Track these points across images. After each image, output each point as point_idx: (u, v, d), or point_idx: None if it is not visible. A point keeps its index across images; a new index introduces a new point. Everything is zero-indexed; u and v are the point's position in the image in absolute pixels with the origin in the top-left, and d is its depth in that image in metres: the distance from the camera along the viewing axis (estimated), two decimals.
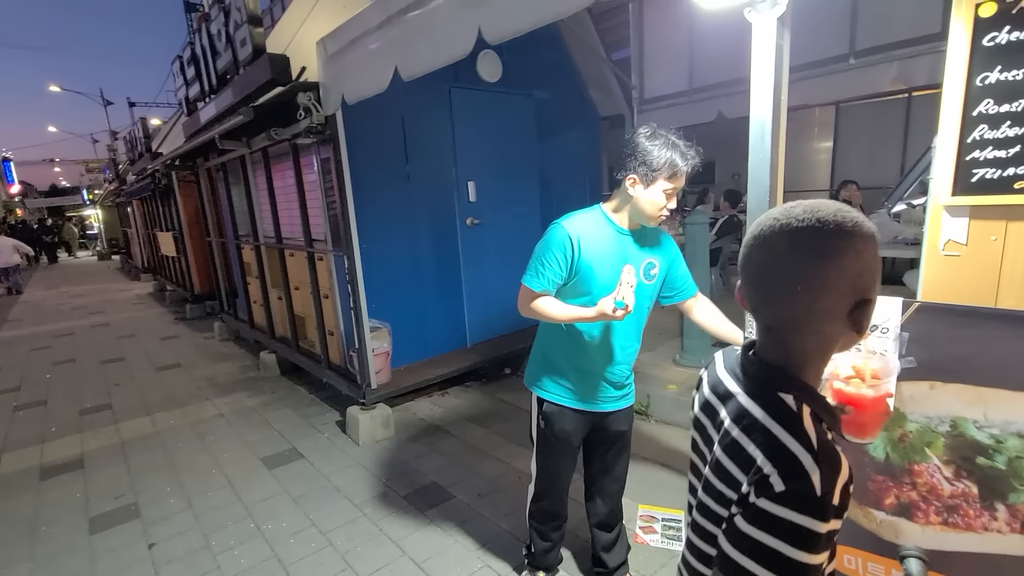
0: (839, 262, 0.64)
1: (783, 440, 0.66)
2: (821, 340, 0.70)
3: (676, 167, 1.43)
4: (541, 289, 1.55)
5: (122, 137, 12.53)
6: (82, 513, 2.78)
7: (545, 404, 1.72)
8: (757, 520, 0.63)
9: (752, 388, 0.74)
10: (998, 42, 1.07)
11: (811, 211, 0.66)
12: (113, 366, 5.50)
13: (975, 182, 1.12)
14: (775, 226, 0.67)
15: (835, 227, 0.64)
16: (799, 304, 0.67)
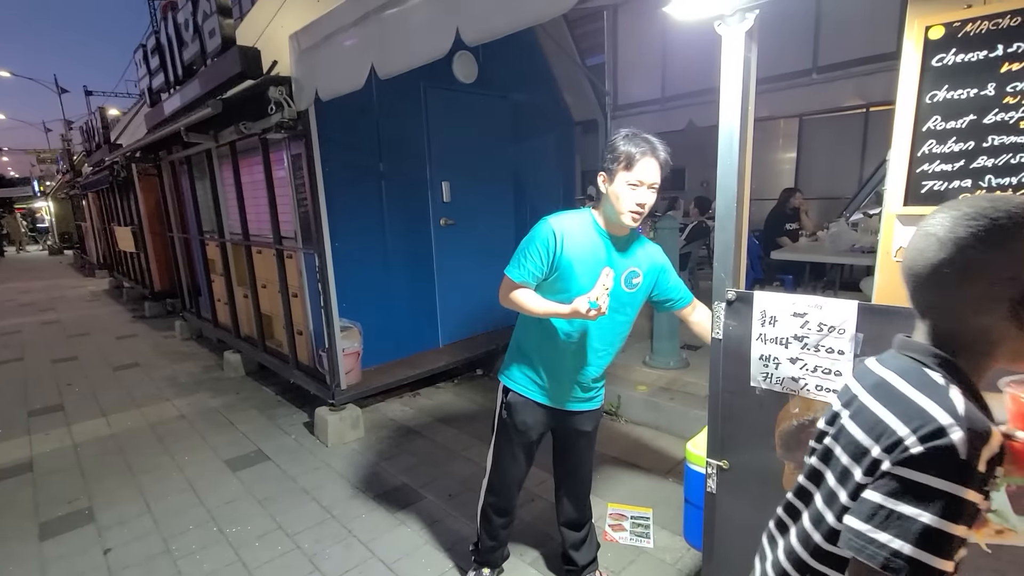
0: (994, 250, 0.62)
1: (921, 403, 0.62)
2: (975, 333, 0.66)
3: (631, 156, 1.47)
4: (521, 280, 1.58)
5: (78, 127, 11.96)
6: (31, 518, 2.64)
7: (510, 393, 1.74)
8: (892, 489, 0.59)
9: (898, 366, 0.71)
10: (945, 63, 1.15)
11: (984, 203, 0.65)
12: (65, 365, 5.24)
13: (924, 193, 1.19)
14: (942, 215, 0.68)
15: (1001, 217, 0.63)
16: (945, 289, 0.66)
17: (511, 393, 1.74)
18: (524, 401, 1.73)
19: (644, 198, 1.49)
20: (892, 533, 0.59)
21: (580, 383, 1.72)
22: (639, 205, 1.49)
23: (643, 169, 1.47)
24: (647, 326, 4.27)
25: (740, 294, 1.36)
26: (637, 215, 1.50)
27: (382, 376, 3.75)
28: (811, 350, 1.24)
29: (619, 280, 1.59)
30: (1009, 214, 0.63)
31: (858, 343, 1.17)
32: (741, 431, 1.42)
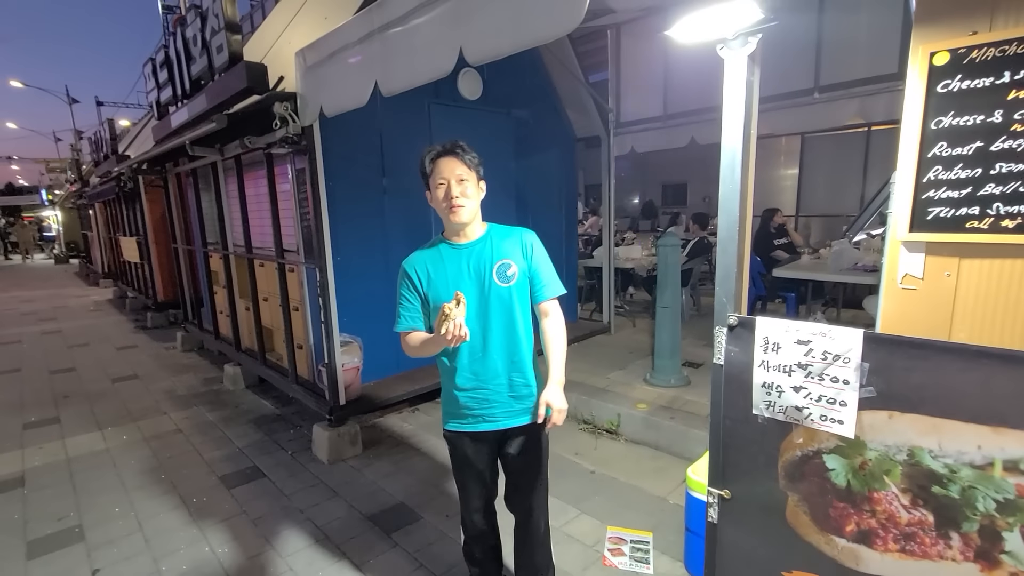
0: None
1: None
2: None
3: (424, 163, 1.59)
4: (406, 328, 1.62)
5: (87, 137, 12.10)
6: (19, 536, 2.60)
7: (446, 432, 1.73)
8: None
9: None
10: (951, 89, 1.13)
11: None
12: (63, 377, 5.22)
13: (930, 220, 1.17)
14: None
15: None
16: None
17: (446, 432, 1.73)
18: (456, 435, 1.70)
19: (455, 190, 1.54)
20: None
21: (505, 393, 1.64)
22: (451, 198, 1.54)
23: (440, 167, 1.56)
24: (648, 343, 4.24)
25: (742, 319, 1.34)
26: (456, 207, 1.55)
27: (382, 391, 3.72)
28: (815, 379, 1.21)
29: (492, 276, 1.59)
30: None
31: (864, 373, 1.14)
32: (743, 460, 1.39)
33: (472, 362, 1.63)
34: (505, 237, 1.65)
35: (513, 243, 1.65)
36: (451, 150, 1.57)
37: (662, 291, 3.82)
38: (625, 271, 6.34)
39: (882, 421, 1.15)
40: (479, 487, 1.76)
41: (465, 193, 1.56)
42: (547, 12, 1.54)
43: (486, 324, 1.61)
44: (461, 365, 1.64)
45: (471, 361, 1.63)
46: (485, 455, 1.72)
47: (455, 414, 1.70)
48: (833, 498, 1.24)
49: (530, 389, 1.67)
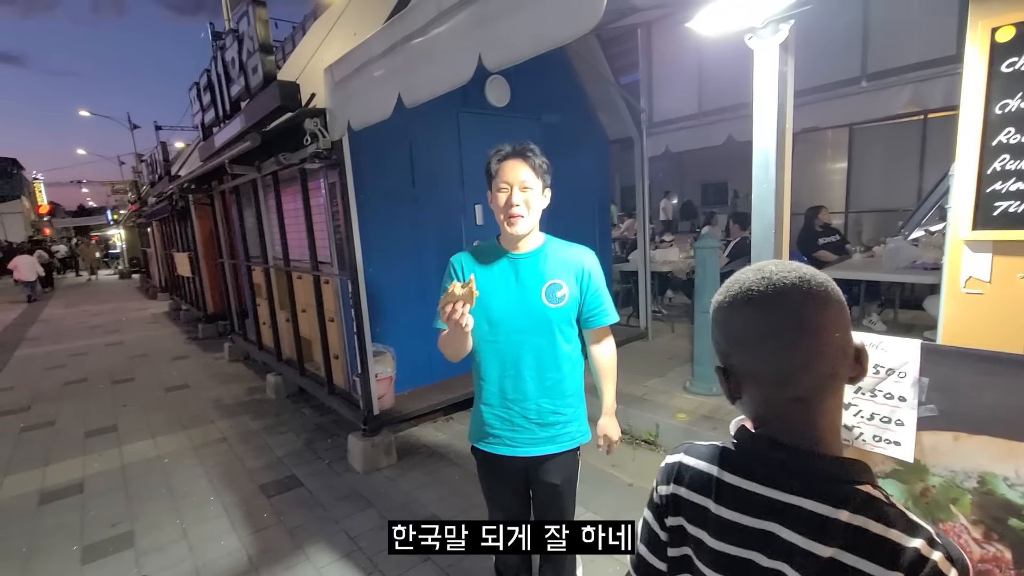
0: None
1: (906, 544, 0.54)
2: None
3: (490, 164, 1.49)
4: (442, 327, 1.45)
5: (145, 160, 12.92)
6: (76, 541, 2.73)
7: (475, 451, 1.66)
8: None
9: (812, 487, 0.60)
10: (1018, 68, 1.01)
11: (801, 269, 0.63)
12: (123, 386, 5.53)
13: (997, 216, 1.04)
14: (787, 283, 0.61)
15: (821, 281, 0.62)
16: (834, 355, 0.61)
17: (475, 450, 1.65)
18: (484, 455, 1.62)
19: (515, 199, 1.43)
20: None
21: (532, 419, 1.53)
22: (510, 207, 1.43)
23: (504, 171, 1.45)
24: (687, 349, 4.08)
25: None
26: (514, 217, 1.44)
27: (415, 401, 3.73)
28: (866, 395, 1.10)
29: (539, 292, 1.49)
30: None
31: (923, 389, 1.02)
32: None
33: (502, 379, 1.54)
34: (562, 254, 1.54)
35: (569, 263, 1.53)
36: (520, 152, 1.46)
37: (701, 295, 3.67)
38: (663, 274, 6.16)
39: (946, 444, 1.02)
40: (502, 510, 1.69)
41: (527, 202, 1.45)
42: (564, 14, 1.49)
43: (522, 343, 1.50)
44: (489, 380, 1.56)
45: (500, 378, 1.54)
46: (508, 482, 1.63)
47: (479, 432, 1.63)
48: None
49: (560, 417, 1.55)
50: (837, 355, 0.61)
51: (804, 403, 0.62)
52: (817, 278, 0.62)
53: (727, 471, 0.68)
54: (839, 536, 0.57)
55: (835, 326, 0.61)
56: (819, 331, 0.60)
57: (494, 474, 1.63)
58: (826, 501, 0.59)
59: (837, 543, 0.57)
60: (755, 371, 0.63)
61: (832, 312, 0.61)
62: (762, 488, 0.64)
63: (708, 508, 0.68)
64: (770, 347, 0.61)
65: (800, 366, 0.60)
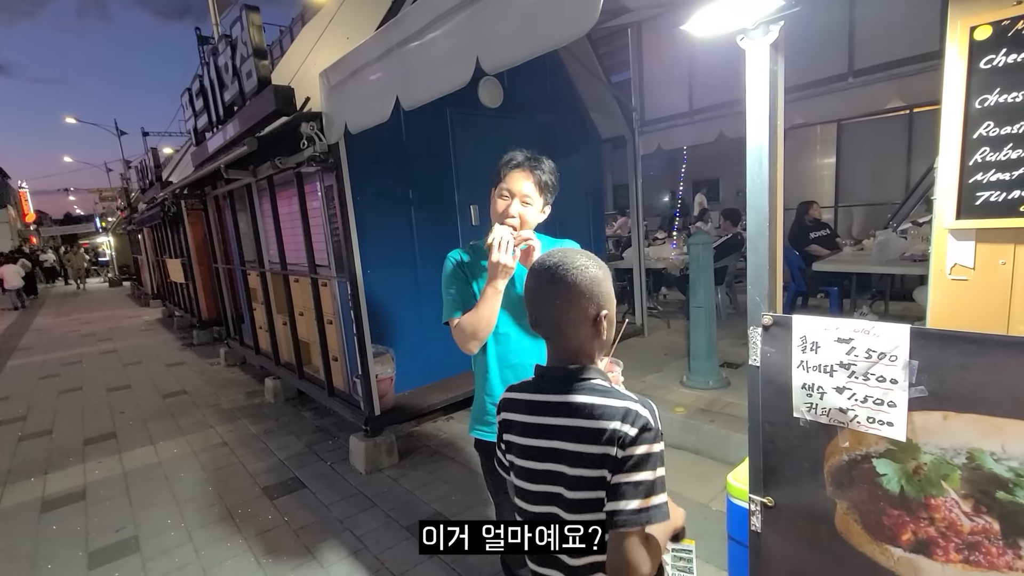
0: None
1: (615, 404, 0.92)
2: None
3: (501, 168, 1.52)
4: (454, 316, 1.52)
5: (134, 166, 12.83)
6: (82, 547, 2.74)
7: (478, 443, 1.70)
8: (635, 466, 0.87)
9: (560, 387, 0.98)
10: (995, 64, 1.06)
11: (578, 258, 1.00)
12: (119, 394, 5.50)
13: (979, 205, 1.09)
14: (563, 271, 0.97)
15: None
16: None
17: (479, 442, 1.70)
18: (485, 444, 1.67)
19: (513, 210, 1.48)
20: (642, 495, 0.88)
21: None
22: (507, 216, 1.47)
23: (511, 179, 1.49)
24: (683, 344, 4.14)
25: (777, 318, 1.28)
26: (504, 223, 1.48)
27: (416, 401, 3.76)
28: (859, 379, 1.15)
29: None
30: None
31: (912, 371, 1.07)
32: (786, 466, 1.32)
33: (503, 371, 1.62)
34: (554, 246, 1.63)
35: None
36: (530, 165, 1.51)
37: (695, 291, 3.72)
38: (657, 271, 6.22)
39: (936, 422, 1.07)
40: (507, 497, 1.74)
41: (523, 216, 1.50)
42: (560, 16, 1.53)
43: (521, 336, 1.59)
44: (492, 372, 1.63)
45: (502, 370, 1.62)
46: None
47: (483, 421, 1.68)
48: (886, 505, 1.16)
49: None
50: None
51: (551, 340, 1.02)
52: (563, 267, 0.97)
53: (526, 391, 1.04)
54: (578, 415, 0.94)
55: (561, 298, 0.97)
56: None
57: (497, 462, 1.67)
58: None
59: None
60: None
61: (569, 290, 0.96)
62: (543, 396, 1.00)
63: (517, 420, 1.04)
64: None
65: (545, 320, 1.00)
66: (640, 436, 0.88)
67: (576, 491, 0.93)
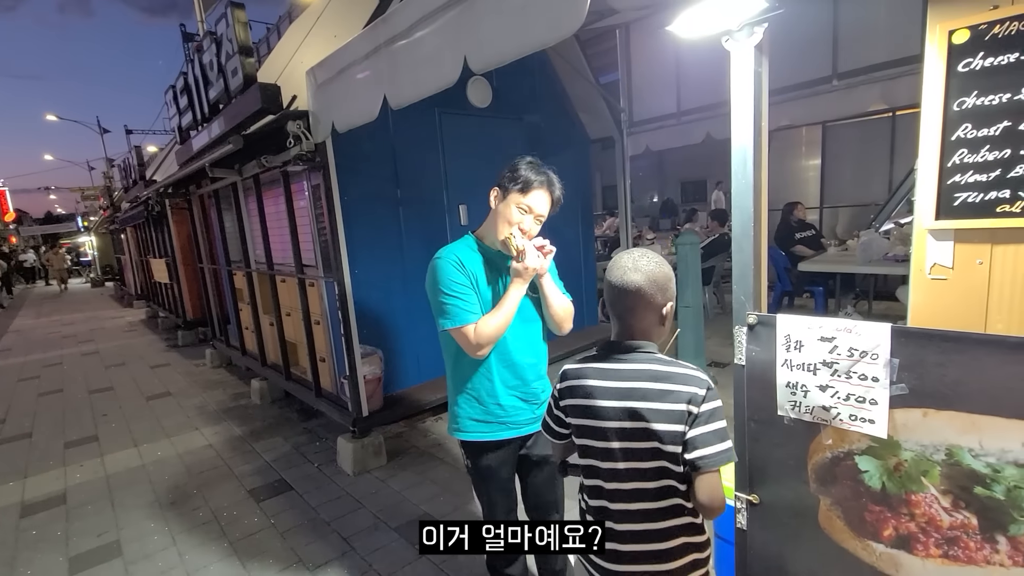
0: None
1: (686, 372, 1.11)
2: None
3: (529, 182, 1.52)
4: (469, 321, 1.51)
5: (117, 165, 12.61)
6: (62, 552, 2.68)
7: (465, 444, 1.70)
8: (710, 418, 1.06)
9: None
10: (973, 68, 1.08)
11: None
12: (101, 396, 5.40)
13: (958, 206, 1.11)
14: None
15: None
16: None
17: (466, 443, 1.70)
18: (479, 445, 1.67)
19: (528, 225, 1.53)
20: (720, 439, 1.06)
21: (524, 399, 1.67)
22: (522, 232, 1.52)
23: (536, 198, 1.53)
24: (672, 344, 4.16)
25: (762, 318, 1.29)
26: (516, 237, 1.52)
27: (405, 401, 3.74)
28: (842, 377, 1.16)
29: (527, 290, 1.60)
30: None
31: (893, 369, 1.09)
32: (771, 463, 1.34)
33: (500, 368, 1.64)
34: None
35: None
36: (554, 190, 1.57)
37: (683, 290, 3.75)
38: None
39: (916, 420, 1.09)
40: (503, 496, 1.75)
41: (531, 233, 1.56)
42: (548, 16, 1.53)
43: (516, 331, 1.62)
44: (489, 369, 1.63)
45: (500, 367, 1.63)
46: (509, 464, 1.72)
47: (478, 422, 1.66)
48: (868, 501, 1.18)
49: (547, 394, 1.71)
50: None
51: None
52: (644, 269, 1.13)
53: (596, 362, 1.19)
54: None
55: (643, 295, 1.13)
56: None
57: (495, 459, 1.68)
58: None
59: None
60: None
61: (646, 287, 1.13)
62: (617, 364, 1.15)
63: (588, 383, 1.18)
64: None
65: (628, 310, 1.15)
66: (708, 394, 1.06)
67: (666, 444, 1.08)
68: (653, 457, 1.10)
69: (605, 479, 1.16)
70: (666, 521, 1.13)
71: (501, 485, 1.73)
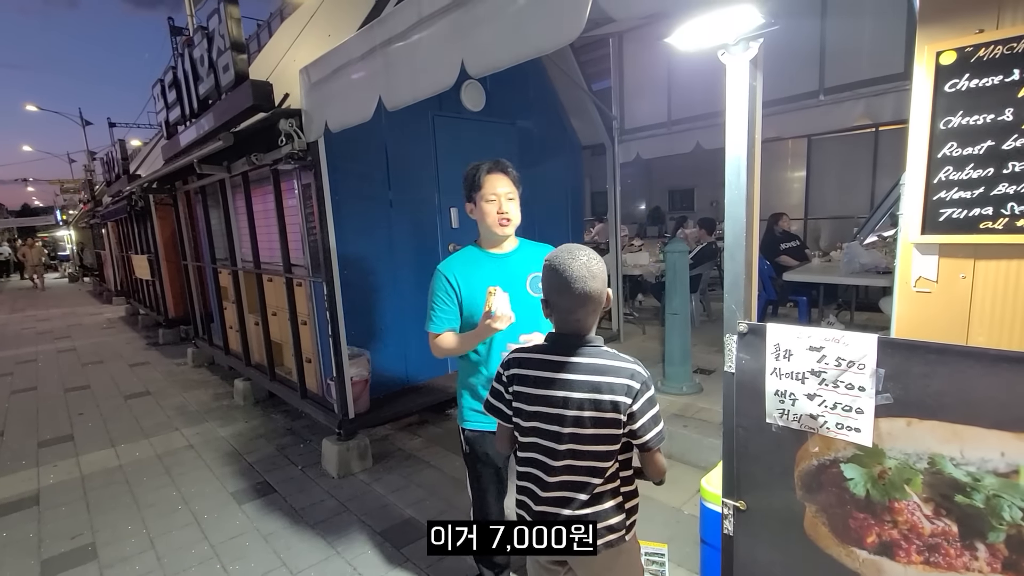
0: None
1: (625, 366, 1.20)
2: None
3: (478, 177, 1.68)
4: (440, 330, 1.71)
5: (100, 158, 12.34)
6: (34, 555, 2.61)
7: (466, 432, 1.81)
8: (648, 405, 1.20)
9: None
10: (959, 88, 1.11)
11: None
12: (77, 394, 5.27)
13: (942, 221, 1.15)
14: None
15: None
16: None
17: (467, 431, 1.81)
18: (479, 434, 1.77)
19: (505, 207, 1.68)
20: (657, 424, 1.22)
21: None
22: (502, 214, 1.67)
23: (491, 184, 1.67)
24: (658, 350, 4.20)
25: (752, 326, 1.31)
26: (505, 221, 1.68)
27: (391, 404, 3.71)
28: (829, 386, 1.19)
29: (526, 287, 1.72)
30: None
31: (879, 379, 1.11)
32: (758, 470, 1.35)
33: (496, 364, 1.67)
34: (535, 251, 1.81)
35: (543, 258, 1.73)
36: (502, 168, 1.70)
37: (671, 297, 3.79)
38: (633, 278, 6.31)
39: (900, 429, 1.11)
40: (495, 485, 1.84)
41: (513, 210, 1.70)
42: (547, 23, 1.54)
43: (516, 331, 1.69)
44: (492, 365, 1.72)
45: (496, 363, 1.69)
46: (503, 454, 1.79)
47: (480, 412, 1.72)
48: (852, 508, 1.20)
49: None
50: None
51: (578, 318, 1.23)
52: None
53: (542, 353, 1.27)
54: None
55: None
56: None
57: (492, 448, 1.75)
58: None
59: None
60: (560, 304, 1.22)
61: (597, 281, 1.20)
62: (561, 356, 1.23)
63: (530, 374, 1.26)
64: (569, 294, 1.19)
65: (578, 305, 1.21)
66: (644, 385, 1.18)
67: (594, 428, 1.19)
68: (597, 442, 1.21)
69: (551, 457, 1.25)
70: (601, 487, 1.26)
71: (494, 472, 1.82)
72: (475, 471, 1.84)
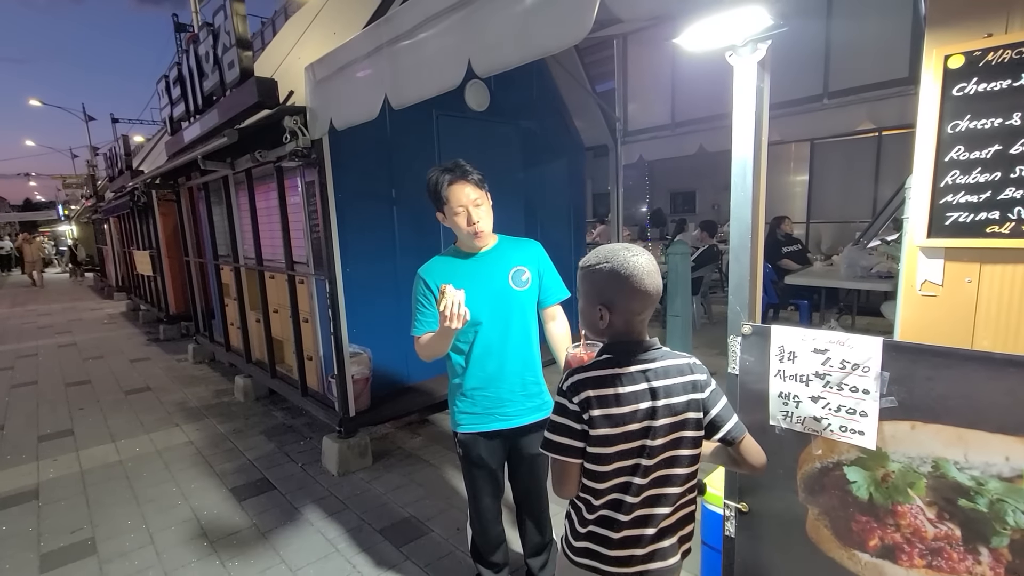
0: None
1: (689, 361, 1.15)
2: None
3: (439, 192, 1.65)
4: (421, 332, 1.70)
5: (102, 153, 12.35)
6: (33, 549, 2.61)
7: (459, 435, 1.80)
8: (719, 395, 1.14)
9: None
10: (967, 92, 1.11)
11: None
12: (78, 389, 5.28)
13: (948, 225, 1.15)
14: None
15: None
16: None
17: (459, 434, 1.80)
18: (472, 437, 1.77)
19: (475, 215, 1.65)
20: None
21: (516, 389, 1.76)
22: (473, 223, 1.65)
23: (455, 195, 1.64)
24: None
25: (756, 328, 1.32)
26: (479, 232, 1.67)
27: (392, 403, 3.71)
28: (834, 388, 1.19)
29: (508, 282, 1.72)
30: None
31: (884, 382, 1.12)
32: None
33: (486, 362, 1.72)
34: (515, 246, 1.81)
35: (523, 252, 1.79)
36: (461, 175, 1.65)
37: (672, 300, 3.79)
38: None
39: (904, 432, 1.11)
40: (491, 486, 1.84)
41: (483, 216, 1.68)
42: (554, 24, 1.54)
43: (502, 327, 1.71)
44: (475, 365, 1.73)
45: (487, 362, 1.72)
46: (498, 455, 1.81)
47: (470, 415, 1.76)
48: (855, 512, 1.20)
49: (540, 387, 1.82)
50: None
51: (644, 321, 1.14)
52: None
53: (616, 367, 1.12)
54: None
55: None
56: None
57: (485, 449, 1.77)
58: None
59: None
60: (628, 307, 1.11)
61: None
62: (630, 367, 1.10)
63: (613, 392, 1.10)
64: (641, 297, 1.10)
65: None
66: (707, 375, 1.14)
67: (687, 432, 1.11)
68: (695, 445, 1.14)
69: (641, 476, 1.10)
70: (686, 495, 1.17)
71: (488, 473, 1.82)
72: (471, 474, 1.85)
